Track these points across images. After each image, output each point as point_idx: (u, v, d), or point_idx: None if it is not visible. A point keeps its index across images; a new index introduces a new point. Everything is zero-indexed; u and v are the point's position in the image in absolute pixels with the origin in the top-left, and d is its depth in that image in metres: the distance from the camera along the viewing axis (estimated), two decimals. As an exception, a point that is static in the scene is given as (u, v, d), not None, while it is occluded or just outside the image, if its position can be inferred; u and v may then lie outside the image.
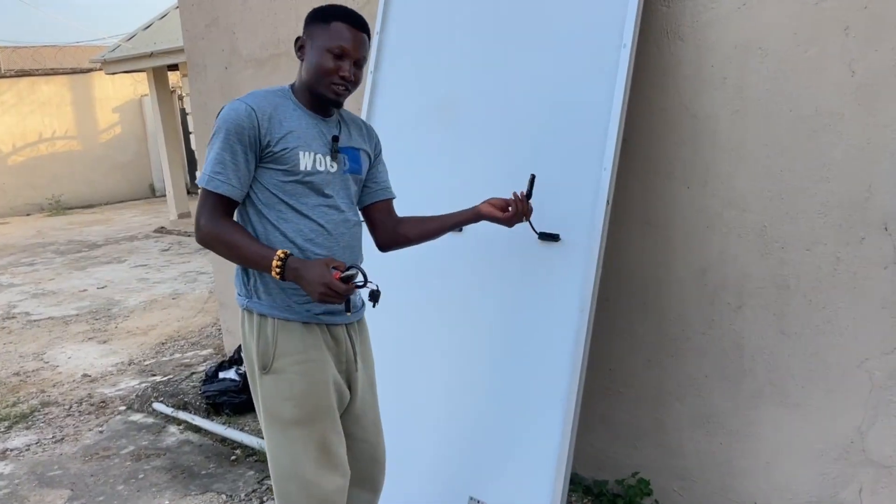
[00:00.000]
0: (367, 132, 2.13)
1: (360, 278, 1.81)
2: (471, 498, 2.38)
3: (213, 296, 6.94)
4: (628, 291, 2.60)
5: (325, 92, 1.90)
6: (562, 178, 2.34)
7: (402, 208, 2.79)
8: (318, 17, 1.91)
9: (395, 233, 2.18)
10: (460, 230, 2.48)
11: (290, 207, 1.89)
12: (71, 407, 4.37)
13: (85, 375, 4.95)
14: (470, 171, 2.61)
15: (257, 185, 1.89)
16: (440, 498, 2.44)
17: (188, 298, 6.94)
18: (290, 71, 3.66)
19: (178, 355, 5.25)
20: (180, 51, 9.36)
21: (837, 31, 2.04)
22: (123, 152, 15.20)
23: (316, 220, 1.90)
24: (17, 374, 5.09)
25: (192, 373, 4.56)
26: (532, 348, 2.34)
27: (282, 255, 1.78)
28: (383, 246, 2.21)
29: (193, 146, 10.77)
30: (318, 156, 1.91)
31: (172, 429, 3.88)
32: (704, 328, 2.46)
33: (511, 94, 2.52)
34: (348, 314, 1.91)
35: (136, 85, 15.07)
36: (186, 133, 10.98)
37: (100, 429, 3.99)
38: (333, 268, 1.75)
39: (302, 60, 1.93)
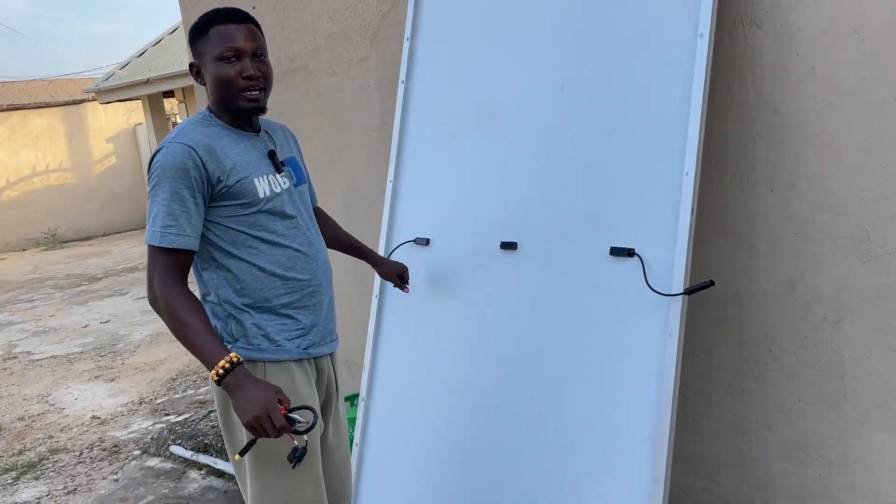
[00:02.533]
0: (289, 135, 2.06)
1: (303, 425, 1.65)
2: (546, 549, 2.12)
3: (221, 326, 6.67)
4: (702, 308, 2.35)
5: (240, 103, 1.78)
6: (634, 186, 2.09)
7: (445, 230, 2.55)
8: (197, 33, 1.80)
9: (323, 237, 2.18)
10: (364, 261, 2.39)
11: (259, 240, 1.79)
12: (82, 453, 4.09)
13: (94, 417, 4.67)
14: (519, 185, 2.36)
15: (216, 227, 1.77)
16: (511, 550, 2.17)
17: (196, 330, 6.67)
18: (306, 87, 3.43)
19: (191, 391, 4.98)
20: (178, 76, 9.17)
21: (951, 7, 1.81)
22: (119, 182, 14.95)
23: (289, 245, 1.83)
24: (22, 418, 4.82)
25: (210, 411, 4.28)
26: (609, 380, 2.08)
27: (234, 360, 1.61)
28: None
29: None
30: (269, 177, 1.82)
31: (193, 474, 3.61)
32: (796, 347, 2.21)
33: (564, 94, 2.28)
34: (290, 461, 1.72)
35: (130, 114, 14.86)
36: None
37: (114, 476, 3.71)
38: (280, 400, 1.62)
39: (205, 84, 1.83)
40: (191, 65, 1.85)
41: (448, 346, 2.48)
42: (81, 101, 14.27)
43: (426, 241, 2.57)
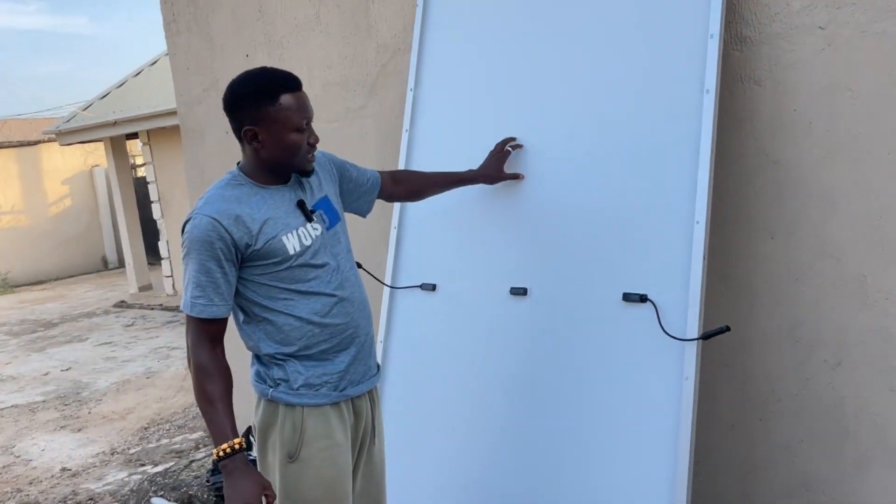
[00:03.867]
0: (323, 164, 2.07)
1: None
2: None
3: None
4: (707, 351, 2.42)
5: (304, 165, 1.87)
6: (645, 234, 2.17)
7: (452, 275, 2.59)
8: (261, 97, 1.79)
9: (409, 193, 2.40)
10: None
11: (294, 292, 1.84)
12: (55, 508, 3.94)
13: (64, 469, 4.52)
14: (528, 230, 2.42)
15: (251, 284, 1.83)
16: None
17: (164, 377, 6.53)
18: (300, 132, 3.46)
19: (165, 441, 4.85)
20: (146, 118, 9.11)
21: (939, 69, 1.95)
22: (74, 225, 14.61)
23: (323, 292, 1.87)
24: (-13, 471, 4.62)
25: (192, 461, 4.18)
26: (626, 425, 2.12)
27: (236, 447, 1.70)
28: (411, 200, 2.50)
29: (156, 216, 10.42)
30: (301, 230, 1.86)
31: (178, 527, 3.51)
32: (798, 388, 2.29)
33: (573, 143, 2.36)
34: None
35: (87, 155, 14.61)
36: (148, 202, 10.59)
37: (93, 531, 3.58)
38: (266, 494, 1.70)
39: (257, 149, 1.83)
40: (244, 129, 1.82)
41: (455, 394, 2.50)
42: (37, 143, 13.98)
43: (432, 287, 2.60)
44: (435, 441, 2.52)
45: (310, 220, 1.89)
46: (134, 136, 10.58)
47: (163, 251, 10.45)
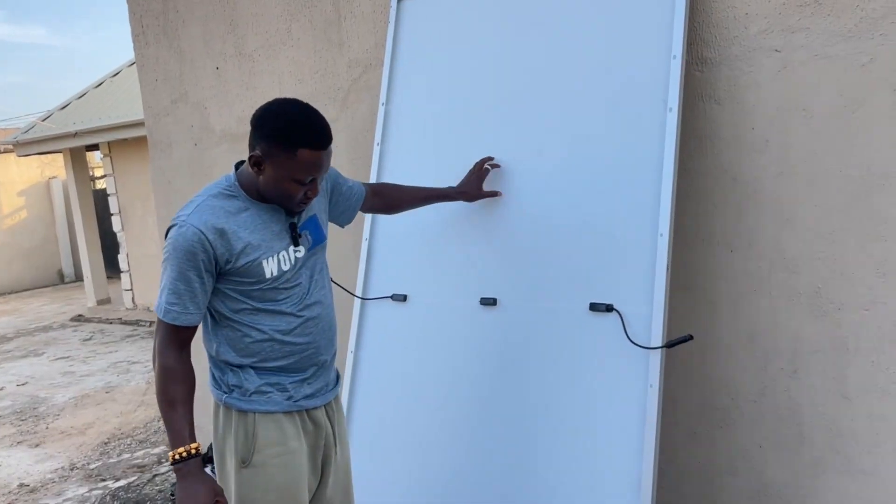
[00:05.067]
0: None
1: None
2: None
3: (151, 386, 6.44)
4: (668, 360, 2.49)
5: (290, 208, 1.86)
6: (611, 246, 2.24)
7: (422, 286, 2.63)
8: (280, 142, 1.74)
9: (386, 206, 2.41)
10: None
11: (261, 311, 1.85)
12: (13, 524, 3.86)
13: (22, 485, 4.43)
14: (498, 242, 2.48)
15: (221, 295, 1.84)
16: None
17: (124, 391, 6.43)
18: (270, 145, 3.48)
19: (126, 455, 4.78)
20: (107, 129, 9.01)
21: (887, 91, 2.06)
22: (30, 238, 14.31)
23: (290, 312, 1.88)
24: (-59, 488, 4.50)
25: (155, 475, 4.14)
26: (592, 431, 2.18)
27: (192, 451, 1.73)
28: (387, 212, 2.49)
29: (116, 228, 10.27)
30: (282, 254, 1.85)
31: (142, 541, 3.46)
32: (756, 396, 2.38)
33: (542, 158, 2.43)
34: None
35: (45, 167, 14.35)
36: (107, 214, 10.44)
37: (53, 547, 3.52)
38: (217, 501, 1.72)
39: (258, 175, 1.80)
40: (251, 155, 1.78)
41: (426, 403, 2.53)
42: (-9, 154, 13.70)
43: (403, 298, 2.64)
44: (405, 450, 2.55)
45: (295, 243, 1.89)
46: (94, 147, 10.43)
47: (122, 264, 10.30)
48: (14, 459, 4.93)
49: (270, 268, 1.82)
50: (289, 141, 1.73)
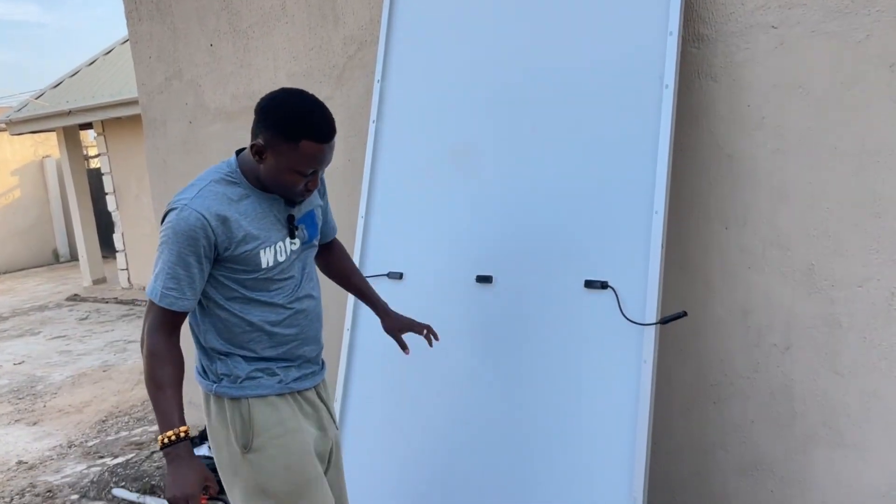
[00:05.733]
0: None
1: None
2: (527, 571, 2.20)
3: (148, 366, 6.46)
4: (662, 336, 2.51)
5: (290, 197, 1.85)
6: (606, 223, 2.25)
7: (418, 264, 2.64)
8: (283, 133, 1.71)
9: (326, 266, 2.25)
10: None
11: (252, 300, 1.84)
12: (12, 500, 3.89)
13: (21, 462, 4.45)
14: (493, 220, 2.48)
15: (213, 281, 1.82)
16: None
17: (121, 370, 6.45)
18: (265, 122, 3.47)
19: (124, 433, 4.81)
20: (100, 107, 8.95)
21: (883, 67, 2.06)
22: (24, 217, 14.25)
23: (280, 303, 1.87)
24: (-60, 465, 4.52)
25: (153, 452, 4.16)
26: (587, 406, 2.20)
27: (181, 435, 1.71)
28: (324, 272, 2.26)
29: (111, 207, 10.23)
30: (279, 244, 1.85)
31: (141, 517, 3.49)
32: (749, 372, 2.40)
33: (536, 135, 2.43)
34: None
35: (38, 146, 14.26)
36: (102, 194, 10.39)
37: (53, 523, 3.55)
38: (206, 487, 1.72)
39: (259, 163, 1.77)
40: (253, 144, 1.75)
41: (423, 379, 2.55)
42: (-16, 132, 13.60)
43: (399, 276, 2.65)
44: (402, 425, 2.57)
45: (292, 235, 1.88)
46: (87, 126, 10.37)
47: (118, 244, 10.28)
48: (12, 437, 4.95)
49: (267, 258, 1.81)
50: (292, 132, 1.70)
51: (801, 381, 2.31)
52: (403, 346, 2.24)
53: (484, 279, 2.45)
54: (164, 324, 1.77)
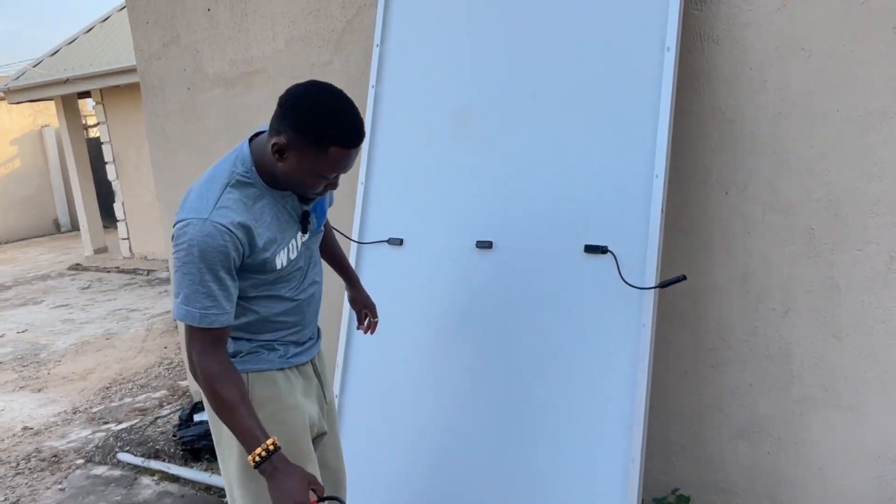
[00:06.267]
0: None
1: None
2: (526, 531, 2.23)
3: (151, 333, 6.51)
4: (661, 301, 2.52)
5: (305, 195, 1.77)
6: (606, 188, 2.24)
7: (418, 230, 2.64)
8: (311, 138, 1.60)
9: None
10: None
11: (258, 297, 1.80)
12: (18, 464, 3.94)
13: (26, 428, 4.50)
14: (493, 185, 2.48)
15: None
16: (493, 534, 2.27)
17: (124, 338, 6.48)
18: (264, 89, 3.45)
19: (128, 399, 4.85)
20: (99, 76, 8.88)
21: (886, 29, 2.04)
22: (24, 187, 14.23)
23: (288, 297, 1.85)
24: (-54, 431, 4.57)
25: (157, 417, 4.20)
26: (586, 370, 2.22)
27: (270, 448, 1.63)
28: None
29: (111, 177, 10.21)
30: (291, 242, 1.80)
31: (146, 480, 3.54)
32: (747, 336, 2.41)
33: (536, 101, 2.41)
34: None
35: (37, 115, 14.19)
36: (102, 163, 10.36)
37: (59, 486, 3.60)
38: (313, 489, 1.64)
39: (278, 161, 1.66)
40: (274, 143, 1.63)
41: (423, 345, 2.56)
42: (-18, 101, 13.52)
43: (399, 242, 2.65)
44: (401, 392, 2.59)
45: (304, 230, 1.83)
46: (86, 94, 10.30)
47: (118, 213, 10.27)
48: (17, 404, 5.00)
49: (281, 259, 1.76)
50: (322, 138, 1.60)
51: (800, 345, 2.33)
52: (360, 320, 2.29)
53: (484, 245, 2.45)
54: (211, 343, 1.67)
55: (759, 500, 2.48)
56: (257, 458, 1.62)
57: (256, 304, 1.80)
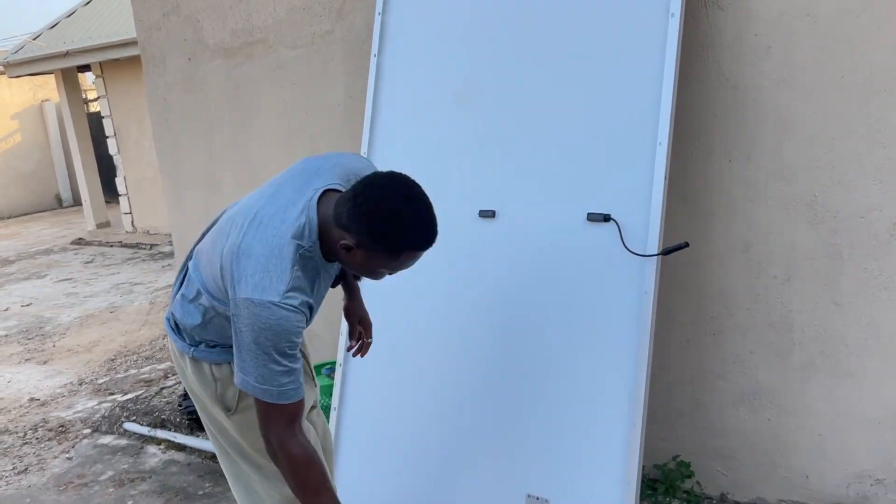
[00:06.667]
0: None
1: None
2: (528, 495, 2.26)
3: (154, 306, 6.54)
4: (664, 270, 2.53)
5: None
6: (609, 156, 2.24)
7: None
8: (383, 245, 1.56)
9: None
10: None
11: None
12: (26, 434, 3.98)
13: (32, 399, 4.53)
14: (496, 155, 2.48)
15: None
16: (496, 495, 2.30)
17: (128, 311, 6.51)
18: (265, 60, 3.43)
19: (133, 371, 4.89)
20: (99, 49, 8.83)
21: (892, -6, 2.02)
22: (26, 162, 14.20)
23: None
24: (-47, 403, 4.62)
25: (162, 388, 4.24)
26: (589, 337, 2.23)
27: None
28: None
29: (112, 151, 10.19)
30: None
31: (152, 449, 3.58)
32: (749, 303, 2.42)
33: (539, 68, 2.40)
34: None
35: (37, 89, 14.11)
36: (103, 137, 10.33)
37: (67, 455, 3.64)
38: None
39: (344, 253, 1.61)
40: (342, 242, 1.58)
41: (425, 315, 2.58)
42: (-19, 76, 13.45)
43: (402, 210, 2.65)
44: (401, 361, 2.61)
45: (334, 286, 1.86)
46: (85, 68, 10.25)
47: (120, 188, 10.26)
48: (23, 376, 5.04)
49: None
50: (395, 246, 1.57)
51: (801, 312, 2.34)
52: (352, 334, 2.15)
53: (487, 214, 2.46)
54: (290, 420, 1.64)
55: (759, 466, 2.51)
56: None
57: None
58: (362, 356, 2.17)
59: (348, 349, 2.18)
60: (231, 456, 1.94)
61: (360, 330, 2.15)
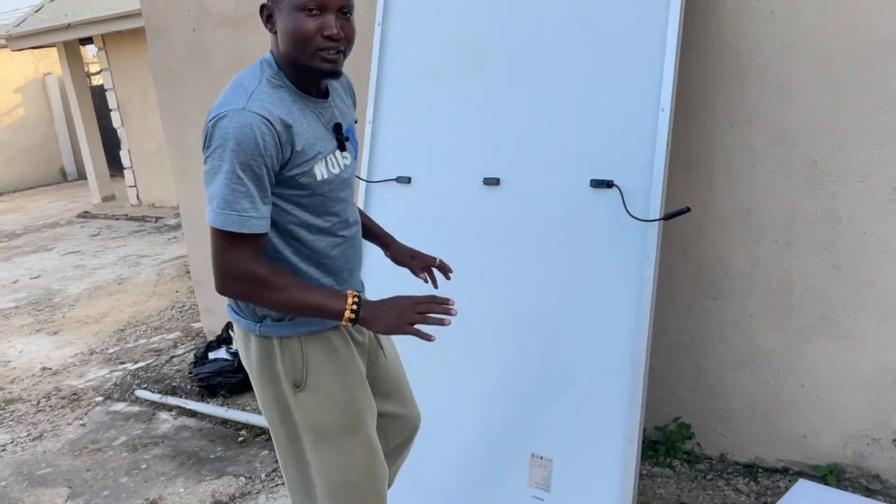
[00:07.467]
0: (347, 89, 1.82)
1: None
2: (532, 455, 2.32)
3: (162, 278, 6.60)
4: (665, 236, 2.57)
5: (315, 63, 1.54)
6: (612, 122, 2.27)
7: (426, 168, 2.67)
8: None
9: None
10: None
11: (306, 225, 1.64)
12: (39, 402, 4.06)
13: (45, 369, 4.62)
14: (500, 122, 2.50)
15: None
16: (500, 455, 2.36)
17: (136, 283, 6.58)
18: (270, 29, 3.44)
19: (143, 341, 4.96)
20: (101, 21, 8.80)
21: (895, -42, 2.03)
22: (30, 135, 14.21)
23: (334, 231, 1.70)
24: (-33, 372, 4.70)
25: (172, 356, 4.31)
26: (592, 301, 2.27)
27: (354, 305, 1.55)
28: None
29: (115, 124, 10.20)
30: (330, 157, 1.63)
31: (164, 415, 3.66)
32: (749, 268, 2.46)
33: (543, 35, 2.41)
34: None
35: (39, 63, 14.07)
36: (106, 111, 10.33)
37: (80, 422, 3.72)
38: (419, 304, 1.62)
39: (274, 33, 1.56)
40: (262, 6, 1.55)
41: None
42: (-16, 49, 13.41)
43: (408, 180, 2.69)
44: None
45: (342, 147, 1.68)
46: (87, 41, 10.22)
47: (124, 161, 10.29)
48: (34, 346, 5.12)
49: (321, 171, 1.61)
50: None
51: (801, 276, 2.37)
52: (416, 271, 2.05)
53: (491, 181, 2.49)
54: (249, 252, 1.52)
55: (758, 427, 2.57)
56: (352, 316, 1.55)
57: (303, 240, 1.65)
58: (447, 278, 2.06)
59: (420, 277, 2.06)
60: (291, 442, 1.80)
61: (418, 265, 2.04)
